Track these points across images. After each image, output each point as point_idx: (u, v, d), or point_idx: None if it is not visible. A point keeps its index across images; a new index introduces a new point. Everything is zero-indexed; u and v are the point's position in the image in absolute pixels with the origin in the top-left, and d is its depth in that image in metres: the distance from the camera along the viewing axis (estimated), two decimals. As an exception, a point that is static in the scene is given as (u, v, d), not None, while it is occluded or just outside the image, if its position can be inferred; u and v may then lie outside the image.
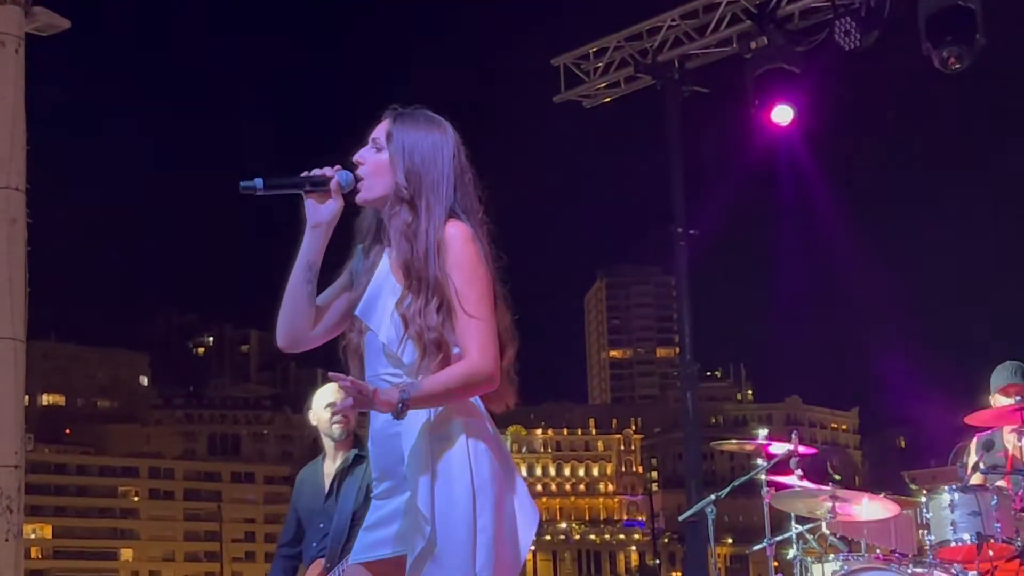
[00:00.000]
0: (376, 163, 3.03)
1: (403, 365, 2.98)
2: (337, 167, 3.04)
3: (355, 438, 5.38)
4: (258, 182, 2.93)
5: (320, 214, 3.02)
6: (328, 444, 5.42)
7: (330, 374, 2.93)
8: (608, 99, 13.59)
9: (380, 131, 3.05)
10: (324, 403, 5.36)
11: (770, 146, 13.06)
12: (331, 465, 5.37)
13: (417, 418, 2.93)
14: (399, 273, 3.00)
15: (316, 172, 3.03)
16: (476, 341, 2.90)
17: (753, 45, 11.89)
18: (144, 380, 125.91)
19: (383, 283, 3.03)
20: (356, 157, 3.06)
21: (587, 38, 13.29)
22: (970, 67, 10.29)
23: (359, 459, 5.24)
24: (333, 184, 3.01)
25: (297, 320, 3.05)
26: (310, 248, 3.03)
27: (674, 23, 12.67)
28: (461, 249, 2.95)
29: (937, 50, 10.27)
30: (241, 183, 2.92)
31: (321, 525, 5.28)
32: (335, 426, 5.33)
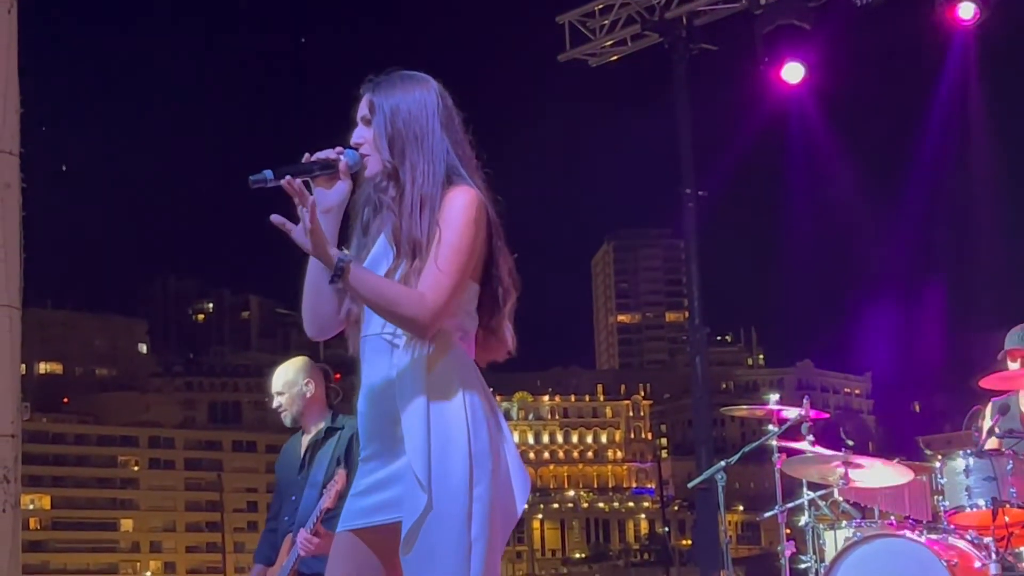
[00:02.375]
0: (370, 138, 3.05)
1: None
2: (339, 148, 3.03)
3: (331, 410, 5.40)
4: (268, 173, 2.90)
5: (329, 199, 3.00)
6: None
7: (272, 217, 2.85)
8: (614, 57, 13.46)
9: (364, 107, 3.06)
10: (272, 390, 5.40)
11: (780, 105, 12.97)
12: (307, 437, 5.39)
13: (415, 381, 2.92)
14: (392, 245, 3.01)
15: (321, 155, 3.00)
16: (432, 290, 2.87)
17: (763, 1, 11.75)
18: (143, 348, 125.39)
19: (382, 255, 3.03)
20: (353, 141, 3.06)
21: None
22: (987, 19, 10.17)
23: (331, 431, 5.29)
24: (342, 165, 3.00)
25: (322, 309, 3.06)
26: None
27: (682, -22, 12.49)
28: (457, 209, 2.94)
29: (953, 3, 10.15)
30: (251, 177, 2.90)
31: (293, 498, 5.32)
32: (282, 414, 5.36)
